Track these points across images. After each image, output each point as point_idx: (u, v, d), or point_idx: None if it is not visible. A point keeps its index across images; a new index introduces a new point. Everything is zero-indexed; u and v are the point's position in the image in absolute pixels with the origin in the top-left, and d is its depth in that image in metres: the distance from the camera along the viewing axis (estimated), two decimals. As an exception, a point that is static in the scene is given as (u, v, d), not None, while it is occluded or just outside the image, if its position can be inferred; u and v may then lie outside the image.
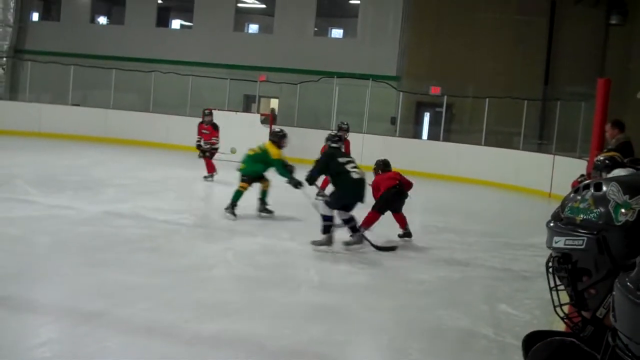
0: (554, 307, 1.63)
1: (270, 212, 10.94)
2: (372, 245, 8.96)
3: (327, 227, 8.84)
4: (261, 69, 23.31)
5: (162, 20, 28.69)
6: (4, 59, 26.77)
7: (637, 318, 1.01)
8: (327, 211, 8.83)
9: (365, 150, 18.46)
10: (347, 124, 14.12)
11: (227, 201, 10.40)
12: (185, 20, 29.53)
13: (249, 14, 29.97)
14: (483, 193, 17.10)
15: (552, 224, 1.60)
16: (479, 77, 21.58)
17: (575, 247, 1.52)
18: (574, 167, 13.20)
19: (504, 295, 7.39)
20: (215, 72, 23.12)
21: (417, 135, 23.31)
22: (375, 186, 9.86)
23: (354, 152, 11.98)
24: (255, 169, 10.69)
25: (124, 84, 23.51)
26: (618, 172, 5.35)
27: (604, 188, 1.50)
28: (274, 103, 26.07)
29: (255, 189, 10.72)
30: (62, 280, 6.66)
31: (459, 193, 16.93)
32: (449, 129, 21.70)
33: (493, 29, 22.31)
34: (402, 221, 9.89)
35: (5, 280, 6.41)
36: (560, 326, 3.00)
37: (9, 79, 26.98)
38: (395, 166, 10.62)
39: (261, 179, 10.90)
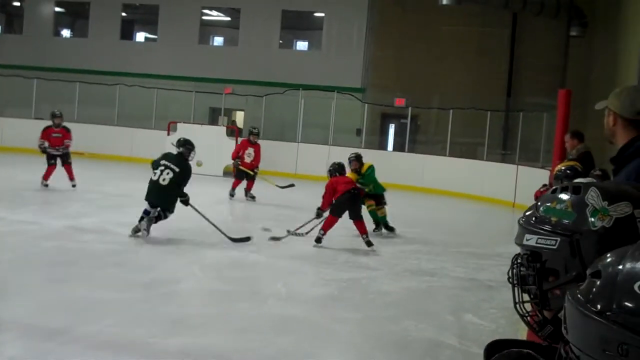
0: (515, 303, 1.65)
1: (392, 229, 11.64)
2: (228, 237, 9.54)
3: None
4: (227, 82, 23.29)
5: (127, 33, 28.54)
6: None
7: (588, 330, 1.03)
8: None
9: (332, 162, 18.54)
10: (257, 129, 15.05)
11: (195, 213, 10.28)
12: (150, 33, 29.41)
13: (214, 27, 29.94)
14: (448, 203, 17.24)
15: (523, 221, 1.61)
16: (444, 88, 21.82)
17: (546, 246, 1.52)
18: (537, 177, 13.37)
19: (469, 305, 7.46)
20: (181, 85, 23.06)
21: (383, 146, 23.45)
22: (330, 188, 10.10)
23: (319, 163, 12.07)
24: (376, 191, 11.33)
25: (88, 97, 23.32)
26: (579, 181, 5.42)
27: (583, 192, 1.52)
28: (240, 116, 26.07)
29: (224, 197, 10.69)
30: (26, 296, 6.58)
31: (425, 204, 17.05)
32: (414, 140, 21.87)
33: (457, 40, 22.58)
34: (361, 229, 10.01)
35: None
36: (524, 335, 3.07)
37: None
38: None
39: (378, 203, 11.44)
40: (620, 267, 1.04)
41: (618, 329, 0.95)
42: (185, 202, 9.80)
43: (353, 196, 9.98)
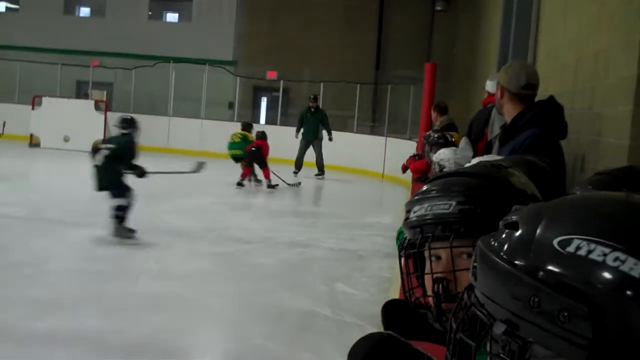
0: (405, 291, 1.69)
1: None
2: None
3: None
4: (94, 54, 22.58)
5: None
6: None
7: (499, 280, 0.99)
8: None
9: (204, 135, 18.53)
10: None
11: (61, 192, 10.00)
12: (11, 3, 28.06)
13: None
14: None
15: None
16: (314, 61, 22.01)
17: None
18: (404, 148, 13.77)
19: (341, 275, 7.60)
20: (45, 57, 22.16)
21: (255, 119, 23.41)
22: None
23: (191, 136, 11.92)
24: None
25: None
26: (444, 151, 5.58)
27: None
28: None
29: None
30: None
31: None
32: (286, 113, 21.91)
33: (325, 13, 22.78)
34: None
35: None
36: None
37: None
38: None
39: None
40: (541, 223, 1.00)
41: (532, 281, 0.93)
42: (141, 173, 8.54)
43: None
